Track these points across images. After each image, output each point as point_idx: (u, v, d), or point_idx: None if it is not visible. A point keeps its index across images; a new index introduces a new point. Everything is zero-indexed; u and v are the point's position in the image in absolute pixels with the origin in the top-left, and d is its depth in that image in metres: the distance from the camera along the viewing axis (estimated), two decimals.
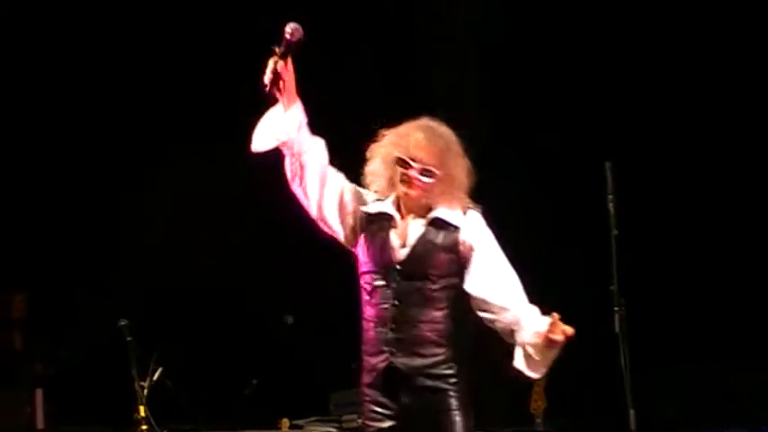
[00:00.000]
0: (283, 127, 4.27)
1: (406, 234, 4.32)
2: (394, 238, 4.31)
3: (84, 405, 8.23)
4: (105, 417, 7.97)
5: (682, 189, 7.92)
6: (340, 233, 4.39)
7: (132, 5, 8.74)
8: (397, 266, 4.26)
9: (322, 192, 4.33)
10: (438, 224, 4.31)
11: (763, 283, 7.56)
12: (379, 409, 4.27)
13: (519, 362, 4.20)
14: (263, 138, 4.31)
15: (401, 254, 4.28)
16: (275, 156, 4.27)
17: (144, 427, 6.57)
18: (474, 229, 4.32)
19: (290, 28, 4.15)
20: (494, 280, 4.24)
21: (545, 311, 4.19)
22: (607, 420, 6.15)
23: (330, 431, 7.68)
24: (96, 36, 8.69)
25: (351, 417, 7.59)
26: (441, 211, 4.32)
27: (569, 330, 4.09)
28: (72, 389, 8.20)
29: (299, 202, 4.37)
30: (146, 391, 6.64)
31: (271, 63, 4.21)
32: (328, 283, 8.80)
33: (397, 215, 4.34)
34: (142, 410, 6.59)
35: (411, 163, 4.28)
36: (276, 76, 4.21)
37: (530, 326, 4.15)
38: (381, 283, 4.28)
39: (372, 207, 4.37)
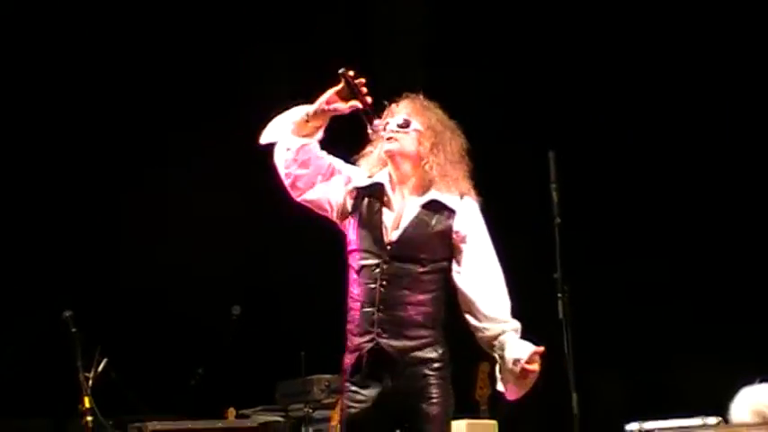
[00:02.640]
0: (298, 136, 4.20)
1: (401, 215, 4.22)
2: (387, 217, 4.21)
3: (27, 397, 8.16)
4: (49, 409, 7.93)
5: (625, 178, 7.99)
6: (329, 214, 4.29)
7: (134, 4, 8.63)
8: (388, 247, 4.16)
9: (317, 186, 4.23)
10: (433, 207, 4.21)
11: (707, 273, 7.63)
12: (360, 390, 4.16)
13: (498, 384, 4.21)
14: (274, 132, 4.22)
15: (393, 234, 4.18)
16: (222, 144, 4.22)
17: (89, 418, 6.56)
18: (468, 218, 4.24)
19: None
20: (483, 282, 4.18)
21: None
22: (551, 404, 6.23)
23: (277, 420, 7.70)
24: (97, 37, 8.58)
25: (297, 406, 7.62)
26: (437, 194, 4.22)
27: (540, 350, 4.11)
28: (15, 381, 8.13)
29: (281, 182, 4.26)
30: (90, 382, 6.63)
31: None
32: (276, 273, 8.83)
33: (389, 187, 4.22)
34: (87, 401, 6.58)
35: (389, 120, 4.25)
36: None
37: (511, 352, 4.12)
38: (370, 262, 4.16)
39: (364, 181, 4.27)
